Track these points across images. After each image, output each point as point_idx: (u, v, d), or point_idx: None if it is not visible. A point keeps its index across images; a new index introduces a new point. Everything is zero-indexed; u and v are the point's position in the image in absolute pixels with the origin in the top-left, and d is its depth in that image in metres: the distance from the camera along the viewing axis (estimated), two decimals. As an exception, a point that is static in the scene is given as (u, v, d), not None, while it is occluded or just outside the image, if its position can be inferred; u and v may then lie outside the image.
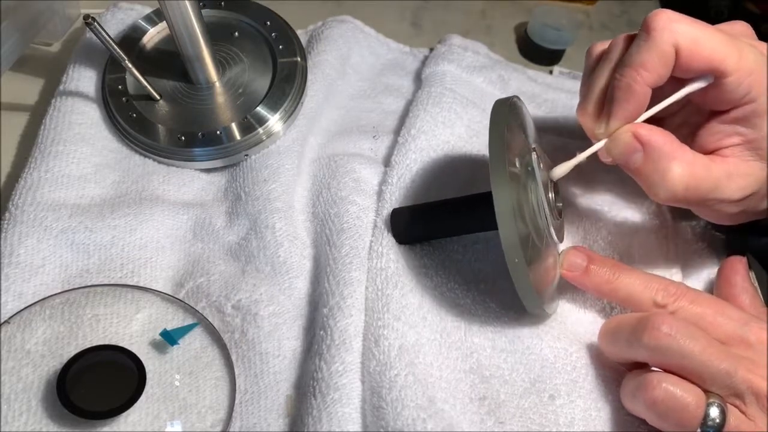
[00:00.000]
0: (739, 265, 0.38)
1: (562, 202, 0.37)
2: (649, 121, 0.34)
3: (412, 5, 0.60)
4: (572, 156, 0.35)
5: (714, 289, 0.39)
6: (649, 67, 0.32)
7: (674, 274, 0.41)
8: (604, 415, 0.35)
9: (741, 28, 0.35)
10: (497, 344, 0.37)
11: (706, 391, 0.31)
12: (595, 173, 0.44)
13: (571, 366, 0.36)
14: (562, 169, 0.36)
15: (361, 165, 0.43)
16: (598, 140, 0.35)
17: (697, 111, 0.36)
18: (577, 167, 0.35)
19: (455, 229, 0.39)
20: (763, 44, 0.34)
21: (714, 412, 0.30)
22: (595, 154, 0.35)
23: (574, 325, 0.38)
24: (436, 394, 0.33)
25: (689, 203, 0.34)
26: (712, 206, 0.35)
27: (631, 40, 0.34)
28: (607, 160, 0.35)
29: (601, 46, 0.37)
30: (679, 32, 0.32)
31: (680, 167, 0.33)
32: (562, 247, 0.37)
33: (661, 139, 0.33)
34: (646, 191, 0.34)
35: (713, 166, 0.34)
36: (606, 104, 0.34)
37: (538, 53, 0.57)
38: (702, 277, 0.42)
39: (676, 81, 0.33)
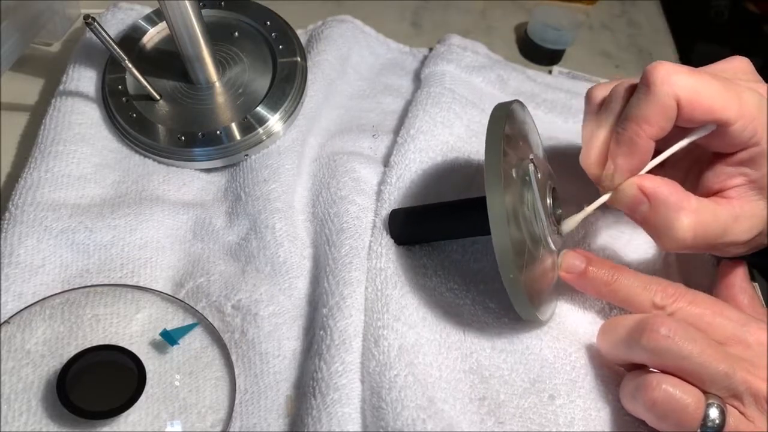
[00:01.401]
0: (738, 265, 0.38)
1: (561, 208, 0.37)
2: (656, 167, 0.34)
3: (412, 5, 0.61)
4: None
5: (713, 289, 0.39)
6: (652, 121, 0.32)
7: (673, 276, 0.41)
8: (603, 415, 0.35)
9: (740, 64, 0.35)
10: (497, 344, 0.37)
11: (705, 392, 0.31)
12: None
13: (571, 366, 0.36)
14: (570, 224, 0.36)
15: (360, 164, 0.43)
16: (604, 187, 0.35)
17: (701, 151, 0.36)
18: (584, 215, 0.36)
19: (451, 233, 0.39)
20: (763, 85, 0.34)
21: (713, 413, 0.30)
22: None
23: (574, 325, 0.38)
24: (436, 394, 0.33)
25: (698, 249, 0.35)
26: (721, 249, 0.35)
27: (631, 90, 0.34)
28: (615, 207, 0.35)
29: (601, 92, 0.37)
30: (679, 85, 0.31)
31: (688, 217, 0.33)
32: (560, 252, 0.37)
33: (666, 190, 0.33)
34: (654, 240, 0.34)
35: (720, 211, 0.34)
36: (609, 156, 0.34)
37: (538, 53, 0.57)
38: (701, 278, 0.42)
39: (679, 127, 0.33)
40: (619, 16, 0.65)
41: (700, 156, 0.37)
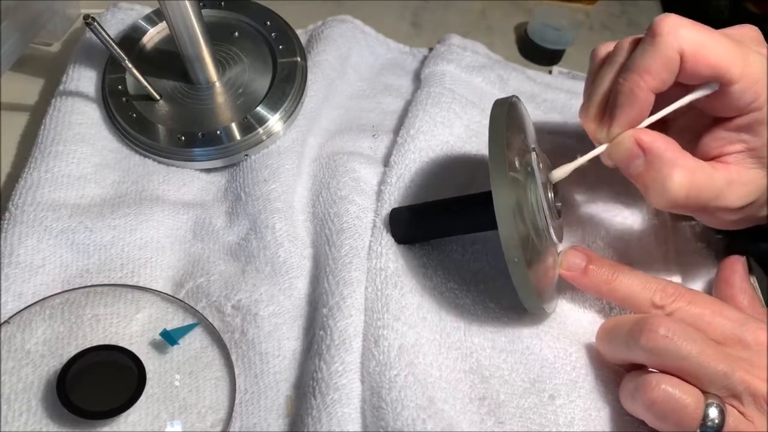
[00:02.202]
0: (738, 265, 0.38)
1: (561, 202, 0.37)
2: (653, 125, 0.34)
3: (412, 5, 0.60)
4: (572, 158, 0.35)
5: (713, 289, 0.39)
6: (653, 72, 0.32)
7: (673, 275, 0.41)
8: (604, 415, 0.35)
9: (750, 32, 0.35)
10: (497, 344, 0.37)
11: (704, 392, 0.31)
12: (594, 173, 0.44)
13: (571, 366, 0.36)
14: (561, 172, 0.36)
15: (360, 164, 0.43)
16: (600, 143, 0.35)
17: (701, 115, 0.36)
18: (577, 168, 0.35)
19: (454, 229, 0.39)
20: None
21: (713, 413, 0.30)
22: (596, 157, 0.35)
23: (574, 325, 0.38)
24: (436, 394, 0.33)
25: (689, 210, 0.34)
26: (713, 213, 0.35)
27: (636, 43, 0.34)
28: (608, 163, 0.35)
29: (605, 48, 0.36)
30: (684, 38, 0.31)
31: (681, 175, 0.32)
32: (561, 247, 0.37)
33: (663, 145, 0.33)
34: (646, 197, 0.34)
35: (715, 174, 0.33)
36: (608, 108, 0.34)
37: (538, 53, 0.57)
38: (701, 277, 0.42)
39: (680, 86, 0.33)
40: (619, 16, 0.65)
41: (699, 119, 0.36)
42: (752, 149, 0.34)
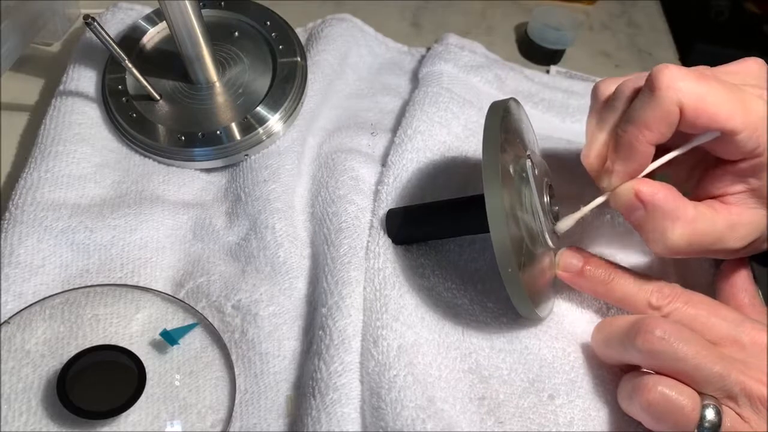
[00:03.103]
0: (741, 264, 0.38)
1: (558, 205, 0.37)
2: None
3: (412, 5, 0.61)
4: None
5: (715, 287, 0.39)
6: (652, 126, 0.31)
7: (670, 275, 0.41)
8: (603, 415, 0.35)
9: (752, 68, 0.34)
10: (495, 344, 0.37)
11: (700, 393, 0.31)
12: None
13: (570, 366, 0.36)
14: (566, 224, 0.36)
15: (359, 163, 0.43)
16: (602, 189, 0.35)
17: (705, 151, 0.35)
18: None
19: (449, 231, 0.39)
20: None
21: (710, 414, 0.30)
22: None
23: (572, 325, 0.38)
24: (436, 394, 0.33)
25: (690, 255, 0.34)
26: (715, 253, 0.35)
27: (637, 91, 0.33)
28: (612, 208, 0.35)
29: (607, 88, 0.36)
30: (684, 91, 0.31)
31: (681, 228, 0.32)
32: (558, 249, 0.37)
33: (662, 197, 0.32)
34: (647, 245, 0.34)
35: (717, 218, 0.33)
36: (609, 157, 0.34)
37: (538, 53, 0.57)
38: (699, 277, 0.42)
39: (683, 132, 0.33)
40: (619, 16, 0.65)
41: (705, 154, 0.36)
42: (755, 190, 0.34)
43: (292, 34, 0.48)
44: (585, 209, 0.35)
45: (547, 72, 0.57)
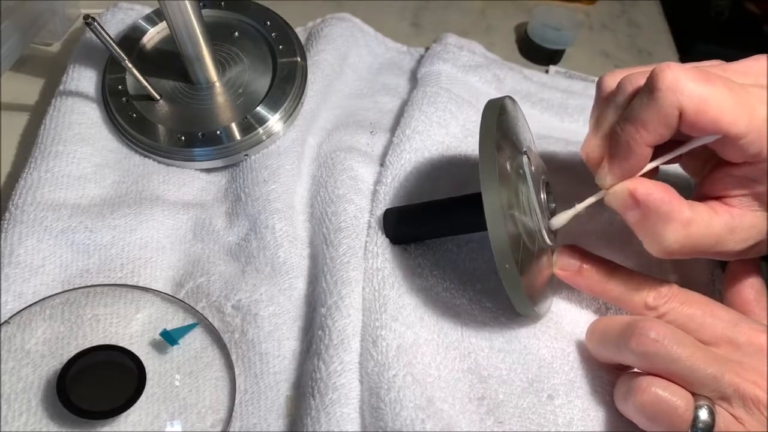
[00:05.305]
0: (749, 260, 0.37)
1: (555, 202, 0.37)
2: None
3: (412, 5, 0.61)
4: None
5: (722, 283, 0.39)
6: (650, 128, 0.31)
7: (669, 273, 0.41)
8: (602, 415, 0.35)
9: (760, 66, 0.33)
10: (494, 344, 0.37)
11: (694, 394, 0.31)
12: (589, 171, 0.44)
13: (569, 366, 0.36)
14: (560, 219, 0.35)
15: (358, 163, 0.43)
16: (599, 186, 0.34)
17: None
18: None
19: (446, 230, 0.39)
20: None
21: (703, 414, 0.30)
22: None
23: (571, 325, 0.38)
24: (435, 394, 0.33)
25: (686, 257, 0.34)
26: (712, 256, 0.34)
27: (639, 88, 0.32)
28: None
29: (612, 80, 0.35)
30: (684, 94, 0.30)
31: (676, 230, 0.32)
32: (555, 247, 0.37)
33: (657, 198, 0.32)
34: (644, 246, 0.34)
35: (714, 221, 0.33)
36: (607, 155, 0.33)
37: (538, 53, 0.57)
38: (698, 276, 0.42)
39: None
40: (619, 16, 0.65)
41: (710, 156, 0.35)
42: (758, 194, 0.33)
43: (292, 34, 0.48)
44: (580, 206, 0.35)
45: (546, 72, 0.57)
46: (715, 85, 0.30)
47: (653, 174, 0.34)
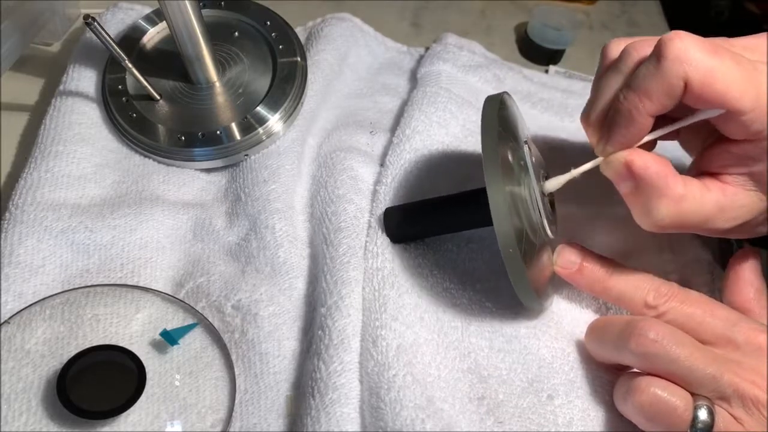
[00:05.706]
0: (750, 256, 0.37)
1: (555, 195, 0.37)
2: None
3: (412, 5, 0.61)
4: (566, 159, 0.35)
5: (722, 280, 0.39)
6: (654, 97, 0.30)
7: (669, 273, 0.41)
8: (602, 415, 0.35)
9: (764, 43, 0.32)
10: (494, 344, 0.37)
11: (693, 394, 0.31)
12: (589, 172, 0.44)
13: (569, 366, 0.36)
14: (555, 183, 0.35)
15: (358, 162, 0.43)
16: (597, 153, 0.34)
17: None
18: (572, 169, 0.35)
19: (448, 226, 0.39)
20: None
21: (703, 414, 0.30)
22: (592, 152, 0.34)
23: (571, 325, 0.38)
24: (435, 393, 0.33)
25: (676, 231, 0.33)
26: (702, 232, 0.34)
27: (645, 57, 0.32)
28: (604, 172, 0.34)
29: (617, 48, 0.34)
30: (691, 65, 0.29)
31: (667, 205, 0.31)
32: (556, 241, 0.37)
33: (653, 172, 0.31)
34: (634, 218, 0.34)
35: (706, 198, 0.32)
36: (606, 122, 0.33)
37: (538, 53, 0.57)
38: (697, 270, 0.42)
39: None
40: (619, 16, 0.65)
41: (710, 129, 0.34)
42: (754, 173, 0.32)
43: (292, 33, 0.48)
44: (575, 171, 0.34)
45: (546, 72, 0.57)
46: (723, 58, 0.29)
47: (651, 146, 0.34)
